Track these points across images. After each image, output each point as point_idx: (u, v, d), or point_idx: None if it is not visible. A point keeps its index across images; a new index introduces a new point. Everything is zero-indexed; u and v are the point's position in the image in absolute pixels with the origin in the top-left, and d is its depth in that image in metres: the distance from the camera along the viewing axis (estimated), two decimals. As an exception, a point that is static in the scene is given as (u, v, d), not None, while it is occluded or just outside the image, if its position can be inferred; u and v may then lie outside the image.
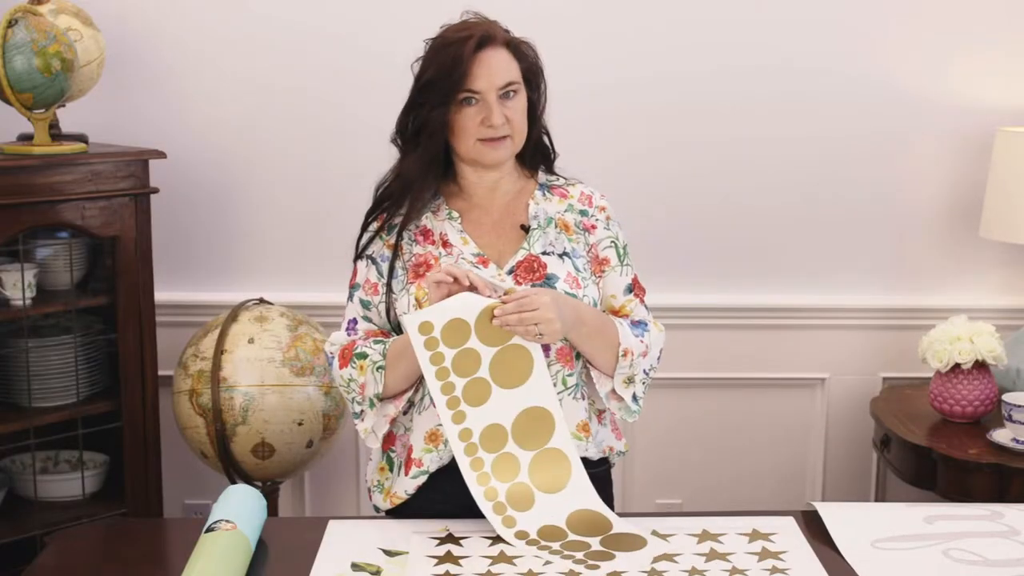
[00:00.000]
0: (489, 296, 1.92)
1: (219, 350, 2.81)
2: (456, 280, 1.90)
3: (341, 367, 2.03)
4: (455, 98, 1.96)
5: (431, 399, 1.97)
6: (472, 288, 1.91)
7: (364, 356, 2.00)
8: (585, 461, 2.04)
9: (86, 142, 2.81)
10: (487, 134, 1.98)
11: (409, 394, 2.01)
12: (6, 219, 2.59)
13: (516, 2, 2.47)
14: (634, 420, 2.07)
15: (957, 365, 2.82)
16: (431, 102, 1.97)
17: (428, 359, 1.91)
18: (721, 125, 3.11)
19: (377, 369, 1.98)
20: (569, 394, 2.02)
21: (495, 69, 1.96)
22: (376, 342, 2.02)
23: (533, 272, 2.01)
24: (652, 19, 3.07)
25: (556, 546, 1.88)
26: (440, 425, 1.99)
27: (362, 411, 2.02)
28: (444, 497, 2.01)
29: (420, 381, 2.01)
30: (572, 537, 1.91)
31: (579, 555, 1.86)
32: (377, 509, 2.11)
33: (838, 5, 3.08)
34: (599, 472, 2.10)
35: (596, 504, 1.97)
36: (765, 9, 3.07)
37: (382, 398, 2.01)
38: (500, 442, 1.94)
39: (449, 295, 1.90)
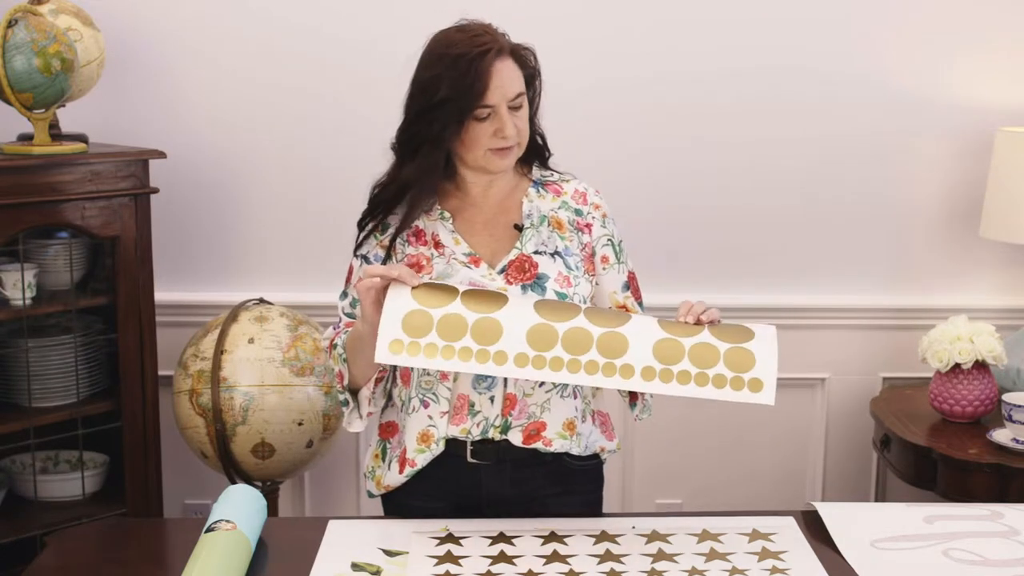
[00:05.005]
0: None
1: (219, 350, 2.81)
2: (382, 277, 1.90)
3: (328, 358, 2.08)
4: (471, 114, 1.95)
5: (419, 400, 2.01)
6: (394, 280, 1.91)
7: (336, 346, 2.04)
8: (572, 456, 2.07)
9: (86, 142, 2.81)
10: (499, 145, 1.97)
11: (382, 376, 2.03)
12: (6, 219, 2.59)
13: (514, 1, 2.47)
14: (649, 416, 2.10)
15: (957, 365, 2.83)
16: (444, 119, 1.95)
17: (427, 359, 1.88)
18: (720, 125, 3.12)
19: (343, 361, 2.02)
20: (557, 392, 2.02)
21: (506, 81, 1.95)
22: (346, 332, 2.05)
23: (524, 272, 2.02)
24: (651, 19, 3.07)
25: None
26: (432, 426, 2.01)
27: (345, 399, 2.06)
28: (432, 483, 2.05)
29: (391, 383, 2.07)
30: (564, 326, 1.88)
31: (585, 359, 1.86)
32: (370, 494, 2.15)
33: (838, 5, 3.08)
34: (589, 466, 2.12)
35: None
36: (765, 9, 3.07)
37: (351, 388, 2.04)
38: (551, 334, 1.89)
39: (376, 300, 1.89)
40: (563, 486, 2.08)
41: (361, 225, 2.09)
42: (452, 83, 1.93)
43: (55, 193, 2.65)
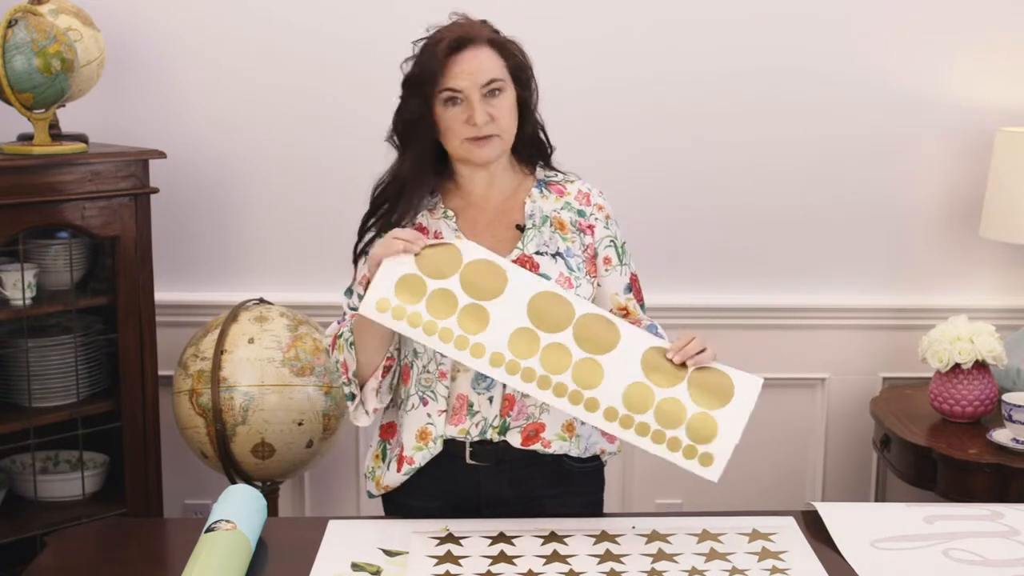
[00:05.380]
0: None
1: (219, 350, 2.80)
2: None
3: (331, 352, 2.06)
4: (435, 97, 1.97)
5: (418, 397, 2.01)
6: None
7: (341, 336, 2.03)
8: (572, 458, 2.07)
9: (86, 142, 2.81)
10: (472, 133, 1.98)
11: (389, 365, 2.02)
12: (6, 219, 2.59)
13: (512, 2, 2.47)
14: None
15: (957, 365, 2.82)
16: (413, 102, 1.99)
17: (408, 327, 1.89)
18: (720, 125, 3.11)
19: (350, 346, 2.00)
20: None
21: (476, 68, 1.97)
22: (352, 321, 2.04)
23: None
24: (651, 19, 3.07)
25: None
26: (430, 424, 2.01)
27: (351, 392, 2.04)
28: (432, 483, 2.05)
29: (397, 379, 2.05)
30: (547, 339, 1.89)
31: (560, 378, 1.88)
32: (370, 495, 2.15)
33: (838, 5, 3.08)
34: (589, 468, 2.12)
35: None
36: (765, 9, 3.07)
37: (359, 376, 2.02)
38: (534, 343, 1.90)
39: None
40: (562, 487, 2.08)
41: (364, 227, 2.09)
42: (419, 67, 1.99)
43: (55, 193, 2.65)
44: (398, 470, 2.05)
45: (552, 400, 1.89)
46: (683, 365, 1.92)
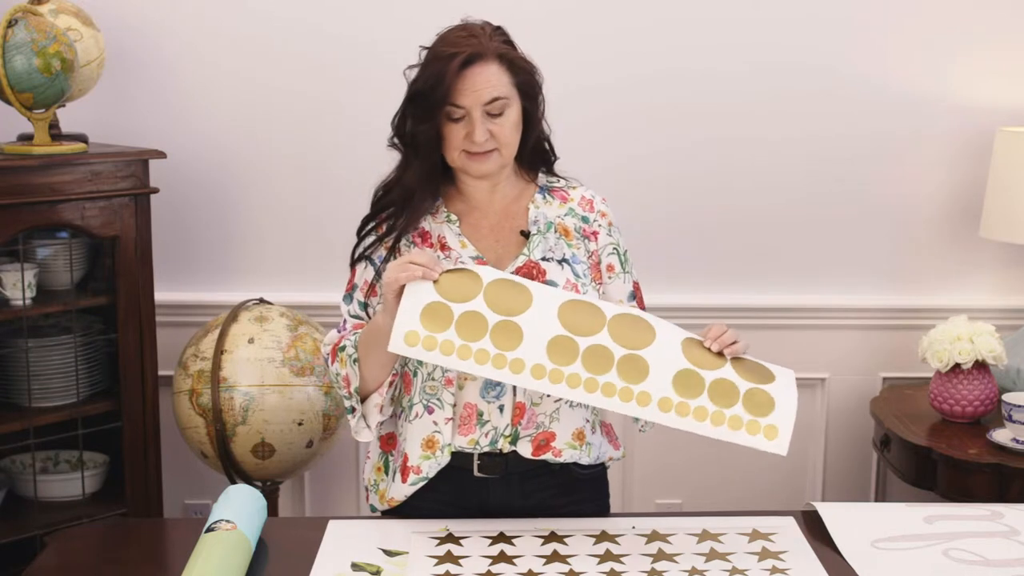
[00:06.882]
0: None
1: (219, 350, 2.81)
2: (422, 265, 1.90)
3: (331, 363, 2.03)
4: (440, 113, 1.95)
5: (422, 406, 1.98)
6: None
7: (343, 349, 2.00)
8: (580, 465, 2.05)
9: (86, 142, 2.81)
10: (470, 148, 1.96)
11: (392, 379, 1.99)
12: (6, 219, 2.59)
13: (516, 2, 2.47)
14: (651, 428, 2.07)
15: (957, 365, 2.82)
16: (418, 116, 1.97)
17: (442, 356, 1.85)
18: (720, 125, 3.11)
19: (353, 362, 1.98)
20: (567, 401, 2.00)
21: (481, 85, 1.93)
22: (354, 333, 2.02)
23: (532, 279, 1.99)
24: (652, 18, 3.07)
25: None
26: (437, 432, 1.98)
27: (351, 406, 2.02)
28: (438, 496, 2.02)
29: (400, 388, 2.02)
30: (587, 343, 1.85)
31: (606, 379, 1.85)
32: (373, 508, 2.12)
33: (837, 5, 3.08)
34: (594, 472, 2.10)
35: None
36: (765, 9, 3.07)
37: (361, 392, 1.99)
38: (572, 348, 1.87)
39: (400, 291, 1.88)
40: (573, 495, 2.06)
41: (363, 230, 2.07)
42: (425, 79, 1.96)
43: (55, 193, 2.65)
44: (404, 480, 2.02)
45: (603, 402, 1.85)
46: (719, 355, 1.91)
